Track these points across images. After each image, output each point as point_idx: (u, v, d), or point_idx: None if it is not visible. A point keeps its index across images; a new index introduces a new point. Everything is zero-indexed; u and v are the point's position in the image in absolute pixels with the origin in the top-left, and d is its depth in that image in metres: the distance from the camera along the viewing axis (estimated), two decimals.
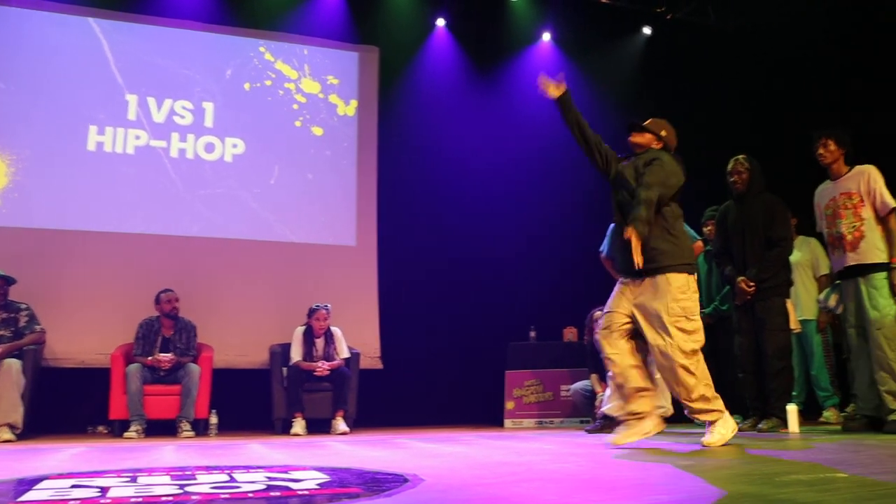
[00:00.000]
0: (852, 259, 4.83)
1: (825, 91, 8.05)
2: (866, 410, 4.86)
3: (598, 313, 6.38)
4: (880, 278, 4.73)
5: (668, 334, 3.74)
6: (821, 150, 4.96)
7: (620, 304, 3.94)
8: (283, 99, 7.96)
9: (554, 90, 4.00)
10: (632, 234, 3.63)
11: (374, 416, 7.23)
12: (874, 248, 4.76)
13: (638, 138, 4.10)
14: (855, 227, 4.82)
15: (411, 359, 7.79)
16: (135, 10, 7.61)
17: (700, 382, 3.79)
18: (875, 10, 7.52)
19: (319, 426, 6.50)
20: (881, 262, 4.74)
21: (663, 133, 4.13)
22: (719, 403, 3.86)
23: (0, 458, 3.85)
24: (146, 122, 7.43)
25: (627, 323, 3.90)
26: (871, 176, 4.83)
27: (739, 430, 5.18)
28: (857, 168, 4.92)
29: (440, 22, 8.69)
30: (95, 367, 6.69)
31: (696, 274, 3.92)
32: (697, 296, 3.89)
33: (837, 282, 5.11)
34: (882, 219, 4.78)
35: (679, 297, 3.76)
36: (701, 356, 3.84)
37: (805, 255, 6.35)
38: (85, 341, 6.76)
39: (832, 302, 5.08)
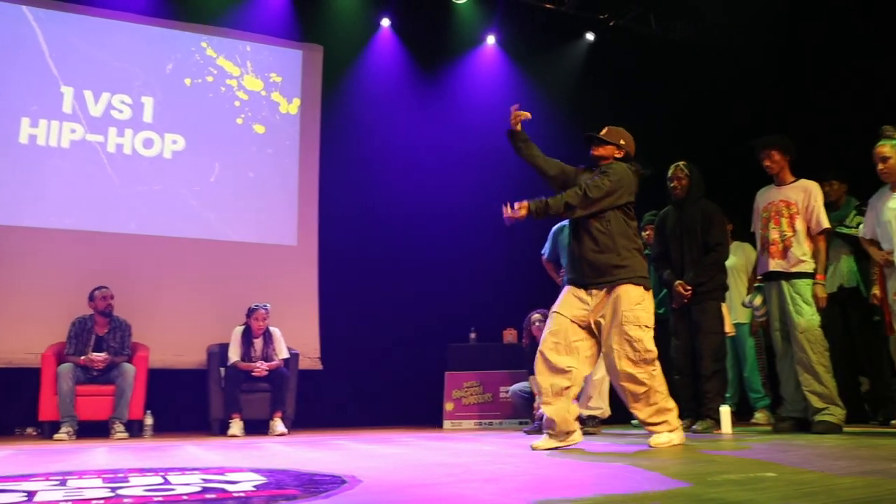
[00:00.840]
0: (777, 265, 4.98)
1: (765, 100, 8.28)
2: (794, 412, 5.01)
3: (536, 316, 6.43)
4: (804, 284, 4.89)
5: (620, 343, 3.75)
6: (767, 163, 5.09)
7: (570, 310, 3.91)
8: (224, 95, 7.84)
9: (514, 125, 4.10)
10: (523, 207, 3.77)
11: (312, 417, 7.18)
12: (799, 259, 4.93)
13: (599, 151, 4.10)
14: (786, 237, 4.97)
15: (351, 359, 7.75)
16: (71, 0, 7.41)
17: (654, 392, 3.80)
18: (815, 21, 7.75)
19: (257, 427, 6.42)
20: (805, 271, 4.90)
21: (622, 142, 4.15)
22: (672, 416, 3.87)
23: None
24: (82, 115, 7.24)
25: (578, 330, 3.88)
26: (813, 193, 5.00)
27: None
28: (803, 182, 5.07)
29: (385, 22, 8.67)
30: (24, 366, 6.48)
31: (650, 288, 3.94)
32: (653, 308, 3.91)
33: (760, 284, 5.24)
34: (813, 237, 4.95)
35: (633, 307, 3.77)
36: (657, 366, 3.84)
37: (740, 260, 6.51)
38: (14, 340, 6.55)
39: (757, 302, 5.21)
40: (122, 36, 7.53)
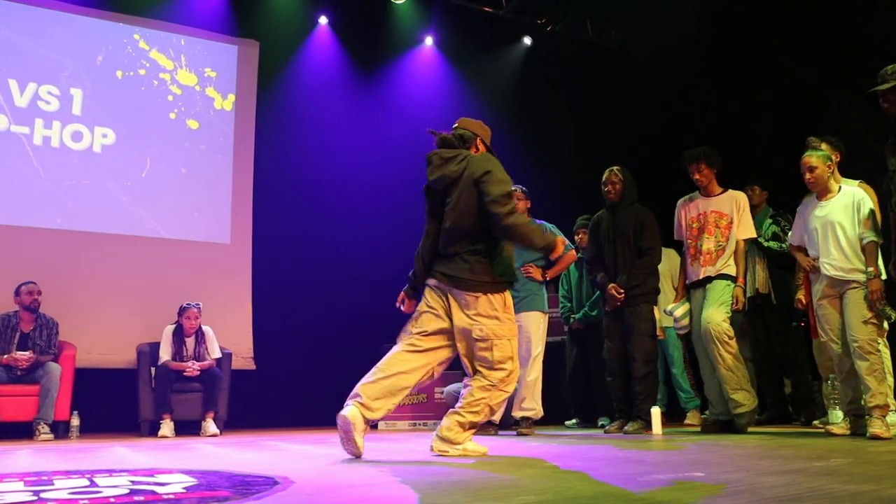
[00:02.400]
0: (708, 272, 5.12)
1: (695, 106, 8.49)
2: (719, 414, 5.15)
3: None
4: (722, 284, 5.04)
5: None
6: (696, 176, 5.24)
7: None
8: (157, 89, 7.68)
9: None
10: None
11: (245, 417, 7.09)
12: (728, 264, 5.11)
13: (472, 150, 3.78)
14: (720, 246, 5.13)
15: (284, 359, 7.67)
16: None
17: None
18: (751, 30, 7.99)
19: (189, 428, 6.32)
20: (727, 273, 5.08)
21: (480, 132, 3.89)
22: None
23: None
24: (7, 106, 7.00)
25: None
26: (742, 204, 5.20)
27: (606, 431, 5.39)
28: (731, 192, 5.26)
29: (322, 20, 8.62)
30: None
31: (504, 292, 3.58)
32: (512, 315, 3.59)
33: (686, 303, 5.37)
34: (737, 242, 5.13)
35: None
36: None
37: (665, 266, 6.64)
38: None
39: (679, 312, 5.33)
40: (51, 25, 7.31)
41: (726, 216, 5.18)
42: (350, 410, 3.38)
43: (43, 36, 7.26)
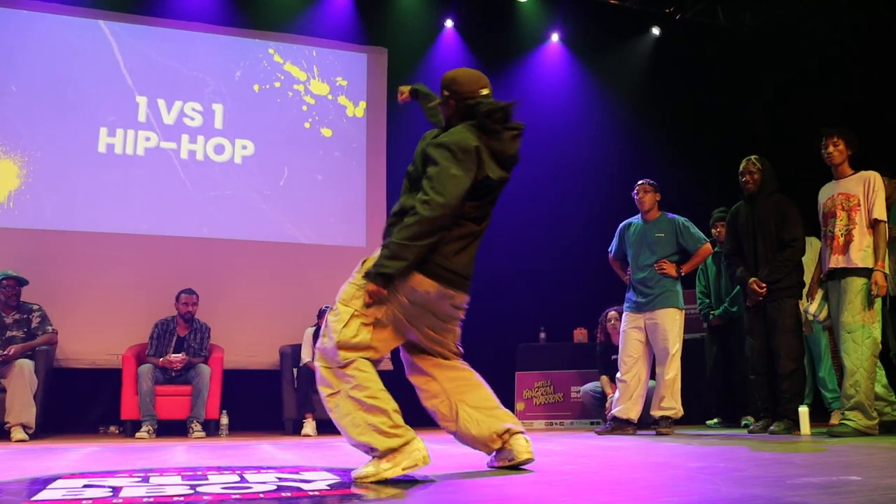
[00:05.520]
0: (838, 261, 4.79)
1: (837, 91, 8.03)
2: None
3: (612, 313, 6.40)
4: (858, 285, 4.69)
5: None
6: (830, 149, 4.92)
7: None
8: (292, 100, 7.97)
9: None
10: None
11: None
12: (860, 253, 4.75)
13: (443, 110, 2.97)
14: (847, 231, 4.80)
15: None
16: (144, 13, 7.63)
17: None
18: (890, 9, 7.48)
19: (330, 427, 6.47)
20: (864, 266, 4.72)
21: (447, 92, 2.95)
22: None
23: (13, 457, 3.88)
24: (156, 123, 7.45)
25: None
26: (875, 182, 4.82)
27: (750, 431, 5.17)
28: (863, 172, 4.89)
29: (448, 23, 8.69)
30: (107, 367, 6.72)
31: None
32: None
33: (821, 291, 5.07)
34: (870, 227, 4.78)
35: None
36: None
37: (810, 257, 6.30)
38: (96, 342, 6.79)
39: (814, 308, 5.03)
40: (192, 45, 7.74)
41: (854, 197, 4.82)
42: None
43: (186, 56, 7.69)
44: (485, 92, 2.96)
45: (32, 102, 7.11)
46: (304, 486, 2.39)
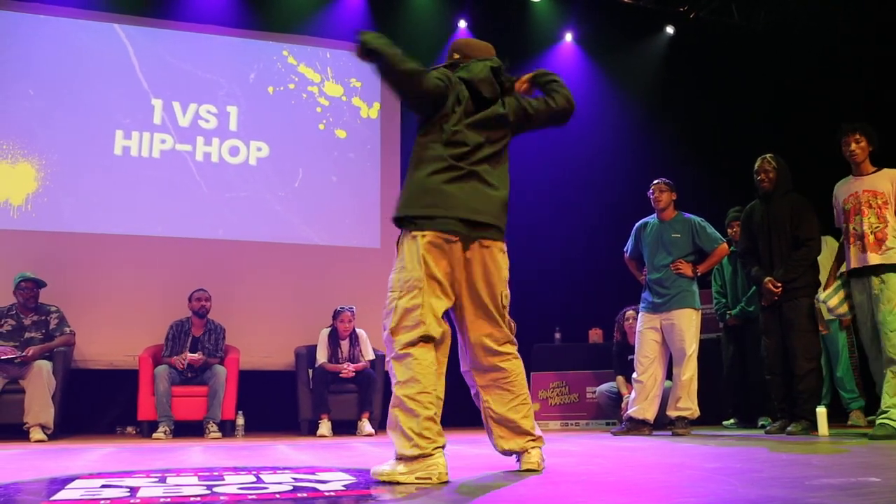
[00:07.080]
0: (875, 259, 4.71)
1: (853, 89, 7.97)
2: None
3: (630, 312, 6.39)
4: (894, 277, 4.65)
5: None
6: (853, 146, 4.85)
7: None
8: (306, 102, 7.99)
9: None
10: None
11: None
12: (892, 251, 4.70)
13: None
14: (878, 228, 4.74)
15: None
16: (159, 16, 7.67)
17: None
18: None
19: (345, 428, 6.52)
20: None
21: (457, 55, 3.34)
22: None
23: (32, 457, 3.91)
24: (171, 126, 7.50)
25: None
26: None
27: (767, 432, 5.14)
28: (886, 170, 4.83)
29: (462, 23, 8.68)
30: (124, 368, 6.76)
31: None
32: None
33: (838, 281, 5.01)
34: None
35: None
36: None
37: (826, 256, 6.25)
38: (113, 343, 6.84)
39: (833, 301, 4.98)
40: (206, 48, 7.77)
41: (882, 194, 4.76)
42: None
43: (200, 58, 7.72)
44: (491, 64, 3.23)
45: (49, 106, 7.16)
46: (320, 487, 2.40)
